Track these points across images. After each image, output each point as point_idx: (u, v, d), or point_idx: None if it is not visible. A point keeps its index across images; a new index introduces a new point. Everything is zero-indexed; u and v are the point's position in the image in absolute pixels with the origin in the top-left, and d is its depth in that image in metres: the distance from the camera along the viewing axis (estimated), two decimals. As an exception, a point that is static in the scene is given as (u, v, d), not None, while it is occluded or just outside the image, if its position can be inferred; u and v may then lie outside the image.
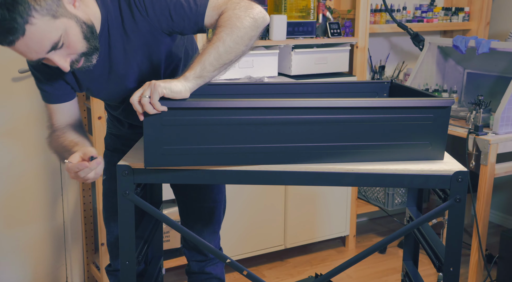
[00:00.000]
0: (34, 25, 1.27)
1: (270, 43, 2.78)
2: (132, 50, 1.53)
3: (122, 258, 1.47)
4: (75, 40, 1.35)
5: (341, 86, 1.81)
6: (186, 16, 1.47)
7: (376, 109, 1.40)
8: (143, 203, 1.46)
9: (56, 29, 1.30)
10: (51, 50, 1.32)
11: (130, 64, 1.55)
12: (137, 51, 1.53)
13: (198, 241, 1.53)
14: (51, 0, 1.29)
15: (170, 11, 1.46)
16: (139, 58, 1.55)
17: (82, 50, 1.38)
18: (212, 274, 1.96)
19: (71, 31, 1.34)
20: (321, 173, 1.41)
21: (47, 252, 2.76)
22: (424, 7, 3.43)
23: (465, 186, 1.40)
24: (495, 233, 3.33)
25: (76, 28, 1.35)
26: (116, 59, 1.53)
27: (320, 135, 1.40)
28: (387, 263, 3.10)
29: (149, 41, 1.52)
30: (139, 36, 1.50)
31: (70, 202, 2.77)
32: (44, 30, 1.29)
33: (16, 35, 1.26)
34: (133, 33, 1.50)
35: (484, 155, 2.51)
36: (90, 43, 1.39)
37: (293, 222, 3.02)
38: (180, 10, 1.46)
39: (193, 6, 1.46)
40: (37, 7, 1.26)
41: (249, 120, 1.37)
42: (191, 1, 1.47)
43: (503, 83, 2.74)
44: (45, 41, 1.30)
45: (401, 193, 3.39)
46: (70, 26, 1.34)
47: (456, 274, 1.44)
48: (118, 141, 1.85)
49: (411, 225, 1.51)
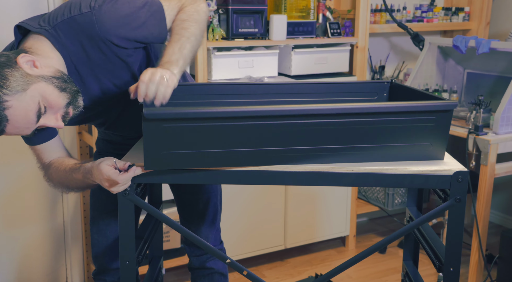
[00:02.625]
0: (12, 107, 1.28)
1: (270, 43, 2.78)
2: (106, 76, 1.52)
3: (122, 258, 1.47)
4: (54, 98, 1.35)
5: (341, 86, 1.81)
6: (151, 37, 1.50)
7: (379, 114, 1.39)
8: (143, 203, 1.46)
9: (32, 98, 1.31)
10: (38, 119, 1.33)
11: (107, 88, 1.55)
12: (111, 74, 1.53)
13: (197, 240, 1.52)
14: (14, 77, 1.29)
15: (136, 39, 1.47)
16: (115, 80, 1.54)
17: (65, 102, 1.38)
18: (214, 269, 1.96)
19: (45, 93, 1.34)
20: (321, 173, 1.41)
21: (47, 252, 2.76)
22: (424, 7, 3.43)
23: (465, 186, 1.40)
24: (495, 233, 3.33)
25: (49, 86, 1.35)
26: (93, 91, 1.53)
27: (321, 137, 1.40)
28: (387, 263, 3.10)
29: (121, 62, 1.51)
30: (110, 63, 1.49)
31: (70, 202, 2.77)
32: (22, 106, 1.30)
33: (2, 125, 1.29)
34: (102, 62, 1.48)
35: (484, 155, 2.51)
36: (68, 91, 1.39)
37: (293, 222, 3.02)
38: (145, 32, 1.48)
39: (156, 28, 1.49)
40: (6, 91, 1.27)
41: (250, 126, 1.36)
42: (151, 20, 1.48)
43: (503, 83, 2.74)
44: (29, 115, 1.31)
45: (401, 193, 3.38)
46: (42, 89, 1.33)
47: (456, 274, 1.44)
48: (110, 146, 1.85)
49: (411, 225, 1.51)
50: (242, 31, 2.70)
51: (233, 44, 2.69)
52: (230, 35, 2.68)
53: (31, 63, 1.35)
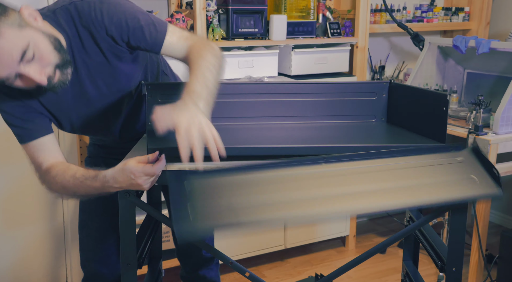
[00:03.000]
0: (2, 36, 1.26)
1: (270, 43, 2.78)
2: (98, 72, 1.51)
3: (123, 260, 1.47)
4: (46, 51, 1.34)
5: (341, 86, 1.81)
6: (143, 41, 1.47)
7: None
8: (144, 205, 1.45)
9: (24, 37, 1.29)
10: (22, 59, 1.30)
11: (98, 85, 1.54)
12: (102, 72, 1.52)
13: (202, 243, 1.52)
14: (14, 16, 1.29)
15: (129, 35, 1.46)
16: (107, 79, 1.53)
17: (55, 61, 1.36)
18: (207, 277, 1.95)
19: (40, 43, 1.33)
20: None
21: (47, 252, 2.76)
22: (424, 7, 3.43)
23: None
24: (495, 233, 3.33)
25: (44, 39, 1.34)
26: (84, 82, 1.51)
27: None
28: (387, 263, 3.10)
29: (112, 59, 1.51)
30: (101, 57, 1.49)
31: (70, 202, 2.77)
32: (12, 40, 1.27)
33: None
34: (95, 54, 1.48)
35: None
36: (62, 55, 1.38)
37: (293, 222, 3.02)
38: (139, 34, 1.46)
39: (153, 32, 1.46)
40: (3, 19, 1.26)
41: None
42: (151, 27, 1.46)
43: (503, 83, 2.74)
44: (14, 50, 1.28)
45: (401, 193, 3.38)
46: (38, 38, 1.33)
47: (458, 274, 1.44)
48: (101, 150, 1.84)
49: (413, 226, 1.51)
50: (242, 31, 2.70)
51: (233, 44, 2.69)
52: (230, 35, 2.68)
53: (33, 16, 1.35)
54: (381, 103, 1.80)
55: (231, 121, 1.75)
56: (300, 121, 1.78)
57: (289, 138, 1.61)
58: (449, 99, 1.48)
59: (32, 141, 1.50)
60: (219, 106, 1.70)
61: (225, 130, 1.68)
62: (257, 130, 1.68)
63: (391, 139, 1.68)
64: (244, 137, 1.61)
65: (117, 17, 1.43)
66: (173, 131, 1.24)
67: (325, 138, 1.64)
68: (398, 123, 1.76)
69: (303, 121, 1.78)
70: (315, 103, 1.78)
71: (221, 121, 1.73)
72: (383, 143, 1.65)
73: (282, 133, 1.67)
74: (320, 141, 1.57)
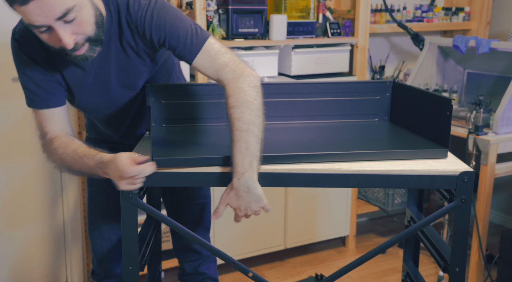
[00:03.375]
0: None
1: (270, 43, 2.77)
2: (124, 65, 1.53)
3: (125, 263, 1.46)
4: (86, 20, 1.35)
5: (342, 86, 1.81)
6: (178, 47, 1.47)
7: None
8: (146, 206, 1.45)
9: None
10: (61, 17, 1.29)
11: (120, 77, 1.55)
12: (127, 66, 1.54)
13: (202, 243, 1.52)
14: None
15: (166, 39, 1.47)
16: (130, 74, 1.55)
17: (90, 33, 1.37)
18: (207, 274, 1.95)
19: (85, 10, 1.34)
20: (327, 174, 1.40)
21: (47, 252, 2.76)
22: (424, 7, 3.43)
23: (471, 187, 1.40)
24: (495, 233, 3.33)
25: (90, 9, 1.36)
26: (110, 69, 1.53)
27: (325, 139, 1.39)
28: (387, 263, 3.10)
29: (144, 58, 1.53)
30: (135, 54, 1.51)
31: (70, 202, 2.76)
32: None
33: None
34: (130, 49, 1.51)
35: (484, 155, 2.51)
36: (98, 31, 1.39)
37: (293, 222, 3.02)
38: (175, 42, 1.47)
39: (189, 42, 1.46)
40: None
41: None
42: (188, 35, 1.46)
43: (503, 83, 2.74)
44: (59, 6, 1.28)
45: (401, 193, 3.38)
46: (85, 5, 1.34)
47: (461, 274, 1.43)
48: (104, 146, 1.83)
49: (415, 226, 1.50)
50: (242, 31, 2.70)
51: (233, 44, 2.69)
52: (230, 35, 2.68)
53: None
54: (384, 103, 1.80)
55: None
56: (302, 121, 1.78)
57: (291, 140, 1.61)
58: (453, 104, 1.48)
59: (43, 109, 1.51)
60: (219, 106, 1.70)
61: (225, 131, 1.68)
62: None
63: (393, 141, 1.68)
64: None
65: (157, 22, 1.45)
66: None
67: (328, 140, 1.64)
68: (401, 122, 1.76)
69: (305, 121, 1.78)
70: (317, 102, 1.77)
71: (221, 122, 1.73)
72: (385, 144, 1.65)
73: (284, 134, 1.67)
74: (323, 144, 1.57)
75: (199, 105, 1.72)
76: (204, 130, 1.69)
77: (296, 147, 1.53)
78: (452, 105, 1.47)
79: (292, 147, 1.53)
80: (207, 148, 1.53)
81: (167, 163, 1.38)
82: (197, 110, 1.72)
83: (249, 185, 1.38)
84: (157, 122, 1.70)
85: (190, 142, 1.60)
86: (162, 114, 1.70)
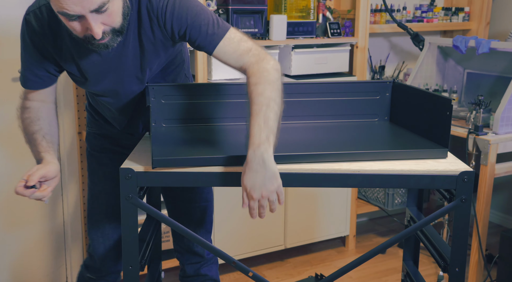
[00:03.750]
0: None
1: (270, 43, 2.77)
2: (140, 55, 1.54)
3: (125, 263, 1.46)
4: (116, 12, 1.37)
5: (342, 86, 1.81)
6: (199, 38, 1.48)
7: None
8: (146, 206, 1.45)
9: None
10: (96, 10, 1.32)
11: (133, 66, 1.56)
12: (145, 56, 1.55)
13: (203, 243, 1.52)
14: None
15: (186, 29, 1.48)
16: (144, 64, 1.56)
17: (116, 25, 1.40)
18: (208, 275, 1.95)
19: (116, 2, 1.36)
20: (327, 174, 1.40)
21: (47, 252, 2.76)
22: (424, 7, 3.43)
23: (471, 186, 1.40)
24: (495, 233, 3.33)
25: (120, 2, 1.38)
26: (124, 58, 1.54)
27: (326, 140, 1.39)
28: (387, 263, 3.10)
29: (158, 49, 1.54)
30: (151, 44, 1.53)
31: (70, 202, 2.76)
32: None
33: None
34: (146, 39, 1.52)
35: (484, 155, 2.51)
36: (124, 22, 1.41)
37: (293, 222, 3.02)
38: (196, 32, 1.48)
39: (210, 31, 1.47)
40: None
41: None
42: (210, 26, 1.47)
43: (503, 83, 2.74)
44: None
45: (401, 193, 3.38)
46: None
47: (461, 274, 1.44)
48: (105, 141, 1.84)
49: (415, 226, 1.50)
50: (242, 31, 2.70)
51: (233, 44, 2.68)
52: (230, 35, 2.68)
53: None
54: (384, 103, 1.80)
55: (231, 122, 1.75)
56: (302, 121, 1.78)
57: (292, 140, 1.61)
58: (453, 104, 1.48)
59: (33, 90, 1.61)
60: (219, 106, 1.70)
61: (226, 131, 1.68)
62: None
63: (393, 140, 1.68)
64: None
65: (179, 12, 1.46)
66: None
67: (328, 140, 1.64)
68: (401, 122, 1.76)
69: (306, 121, 1.78)
70: (317, 103, 1.77)
71: (221, 122, 1.73)
72: (385, 144, 1.65)
73: (284, 134, 1.66)
74: (323, 144, 1.57)
75: (199, 105, 1.72)
76: (204, 130, 1.69)
77: (296, 147, 1.53)
78: (452, 105, 1.47)
79: (292, 147, 1.52)
80: (207, 148, 1.53)
81: (167, 163, 1.38)
82: (197, 110, 1.72)
83: (265, 157, 1.32)
84: (157, 122, 1.70)
85: (190, 142, 1.60)
86: (162, 114, 1.70)
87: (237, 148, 1.47)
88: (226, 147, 1.54)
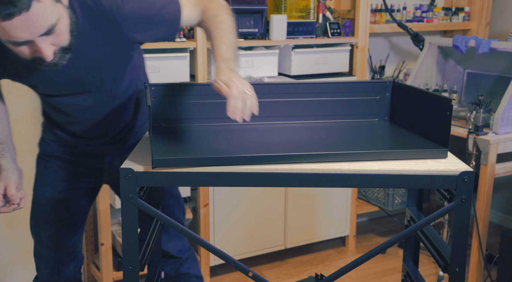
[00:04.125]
0: (41, 2, 1.24)
1: (270, 43, 2.77)
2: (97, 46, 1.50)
3: (125, 263, 1.46)
4: (63, 31, 1.34)
5: (342, 86, 1.80)
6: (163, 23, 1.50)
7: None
8: (147, 207, 1.44)
9: (55, 12, 1.29)
10: (45, 34, 1.29)
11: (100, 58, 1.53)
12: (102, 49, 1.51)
13: (203, 243, 1.51)
14: None
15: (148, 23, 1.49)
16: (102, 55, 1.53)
17: (65, 44, 1.37)
18: (190, 273, 1.94)
19: (63, 21, 1.33)
20: (327, 174, 1.40)
21: (47, 252, 2.76)
22: (424, 7, 3.44)
23: (471, 186, 1.39)
24: (495, 233, 3.33)
25: (67, 19, 1.35)
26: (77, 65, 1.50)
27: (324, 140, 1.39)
28: (387, 263, 3.10)
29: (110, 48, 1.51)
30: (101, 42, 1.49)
31: (70, 202, 2.76)
32: (46, 10, 1.26)
33: (19, 8, 1.20)
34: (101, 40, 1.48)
35: (484, 155, 2.51)
36: (72, 39, 1.38)
37: (293, 222, 3.02)
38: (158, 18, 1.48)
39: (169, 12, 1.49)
40: None
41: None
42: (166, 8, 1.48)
43: (503, 83, 2.74)
44: (44, 22, 1.27)
45: (401, 193, 3.38)
46: (63, 15, 1.33)
47: (462, 274, 1.43)
48: (59, 149, 1.80)
49: (415, 226, 1.50)
50: (242, 31, 2.70)
51: (233, 44, 2.69)
52: (230, 35, 2.68)
53: None
54: (384, 103, 1.80)
55: (231, 122, 1.74)
56: (302, 121, 1.78)
57: (291, 140, 1.61)
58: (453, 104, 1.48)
59: None
60: (219, 106, 1.70)
61: (225, 131, 1.68)
62: (258, 131, 1.67)
63: (393, 140, 1.68)
64: (245, 139, 1.60)
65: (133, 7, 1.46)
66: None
67: (328, 140, 1.63)
68: (401, 122, 1.76)
69: (305, 121, 1.78)
70: (317, 102, 1.77)
71: (221, 122, 1.72)
72: (385, 144, 1.65)
73: (284, 134, 1.67)
74: (323, 144, 1.57)
75: (199, 105, 1.72)
76: (204, 130, 1.69)
77: (296, 147, 1.53)
78: (452, 105, 1.47)
79: (292, 147, 1.52)
80: (207, 148, 1.53)
81: (167, 163, 1.38)
82: (197, 110, 1.72)
83: (235, 70, 1.36)
84: (157, 122, 1.70)
85: (190, 142, 1.59)
86: (162, 114, 1.70)
87: (237, 148, 1.47)
88: (226, 147, 1.54)
